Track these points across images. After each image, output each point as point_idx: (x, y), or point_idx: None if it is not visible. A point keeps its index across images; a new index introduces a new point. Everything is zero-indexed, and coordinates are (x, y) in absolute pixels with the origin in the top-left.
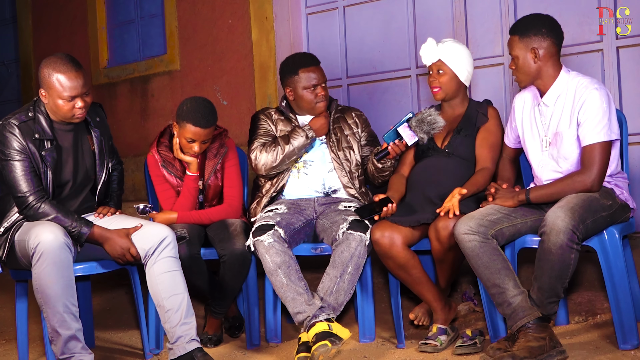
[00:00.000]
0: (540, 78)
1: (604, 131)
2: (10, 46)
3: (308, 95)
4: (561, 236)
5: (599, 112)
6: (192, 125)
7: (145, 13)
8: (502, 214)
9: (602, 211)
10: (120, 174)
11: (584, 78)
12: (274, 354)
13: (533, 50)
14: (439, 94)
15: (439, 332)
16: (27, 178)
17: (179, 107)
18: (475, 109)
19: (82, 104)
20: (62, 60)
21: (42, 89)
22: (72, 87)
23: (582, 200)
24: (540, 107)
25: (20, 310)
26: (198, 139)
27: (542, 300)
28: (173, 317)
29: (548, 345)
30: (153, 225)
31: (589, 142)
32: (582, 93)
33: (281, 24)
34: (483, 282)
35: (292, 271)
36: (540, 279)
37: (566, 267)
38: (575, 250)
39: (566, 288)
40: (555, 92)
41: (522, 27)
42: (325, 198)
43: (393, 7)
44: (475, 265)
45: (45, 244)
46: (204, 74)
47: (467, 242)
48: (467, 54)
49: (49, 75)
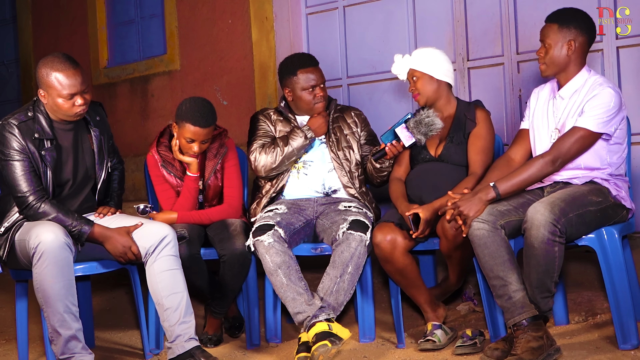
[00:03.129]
0: (565, 71)
1: (595, 122)
2: (10, 46)
3: (307, 96)
4: (542, 230)
5: (603, 106)
6: (191, 125)
7: (145, 13)
8: (512, 206)
9: (589, 206)
10: (121, 173)
11: (601, 77)
12: (274, 354)
13: (570, 42)
14: (419, 99)
15: (433, 328)
16: (27, 178)
17: (179, 107)
18: (463, 112)
19: (82, 101)
20: (59, 59)
21: (40, 90)
22: (70, 84)
23: (566, 195)
24: (556, 99)
25: (20, 310)
26: (197, 139)
27: (535, 297)
28: (172, 316)
29: (546, 343)
30: (153, 224)
31: (576, 124)
32: (595, 88)
33: (281, 24)
34: (486, 273)
35: (292, 271)
36: (529, 275)
37: (551, 260)
38: (559, 243)
39: (557, 283)
40: (573, 87)
41: (565, 17)
42: (325, 198)
43: (393, 7)
44: (481, 254)
45: (45, 243)
46: (204, 74)
47: (476, 230)
48: (438, 52)
49: (47, 75)
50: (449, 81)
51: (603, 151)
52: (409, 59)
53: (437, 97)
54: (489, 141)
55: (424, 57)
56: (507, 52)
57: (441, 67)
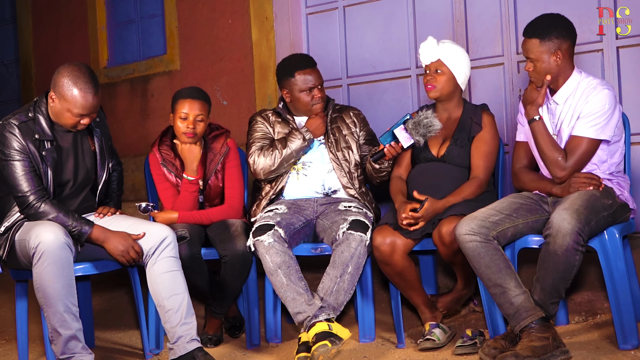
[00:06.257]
0: (556, 77)
1: (594, 128)
2: (10, 46)
3: (304, 98)
4: (567, 239)
5: (600, 110)
6: (182, 99)
7: (145, 13)
8: (504, 214)
9: (603, 211)
10: (119, 174)
11: (595, 79)
12: (274, 354)
13: (556, 53)
14: (433, 92)
15: (432, 327)
16: (27, 178)
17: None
18: (469, 115)
19: (87, 121)
20: (85, 77)
21: (53, 92)
22: (85, 107)
23: (586, 201)
24: (550, 104)
25: (20, 310)
26: (191, 112)
27: (544, 301)
28: (173, 317)
29: (551, 345)
30: (153, 226)
31: (577, 133)
32: (590, 92)
33: (281, 24)
34: (484, 282)
35: (292, 271)
36: (544, 280)
37: (571, 268)
38: (580, 252)
39: (568, 288)
40: (567, 91)
41: (543, 29)
42: (325, 198)
43: (393, 7)
44: (477, 265)
45: (45, 243)
46: (204, 74)
47: (468, 243)
48: (466, 56)
49: (67, 88)
50: (463, 88)
51: (602, 152)
52: (443, 49)
53: (449, 98)
54: (493, 146)
55: (456, 56)
56: (507, 52)
57: (466, 73)
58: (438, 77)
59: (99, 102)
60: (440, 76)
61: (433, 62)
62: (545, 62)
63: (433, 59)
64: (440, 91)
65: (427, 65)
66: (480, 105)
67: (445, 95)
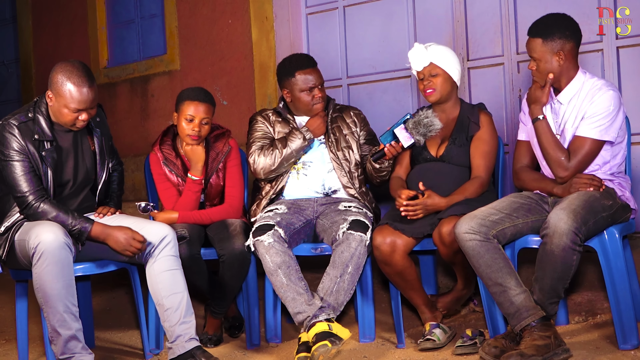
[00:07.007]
0: (560, 78)
1: (599, 129)
2: (10, 46)
3: (305, 97)
4: (564, 238)
5: (604, 111)
6: (189, 101)
7: (145, 13)
8: (504, 214)
9: (602, 212)
10: (120, 174)
11: (600, 80)
12: (274, 354)
13: (559, 53)
14: (433, 95)
15: (432, 327)
16: (27, 178)
17: (177, 98)
18: (467, 115)
19: (86, 117)
20: (78, 72)
21: (50, 92)
22: (81, 101)
23: (584, 202)
24: (554, 104)
25: (20, 310)
26: (197, 115)
27: (543, 301)
28: (172, 316)
29: (554, 343)
30: (153, 224)
31: (580, 134)
32: (595, 93)
33: (281, 24)
34: (484, 282)
35: (292, 271)
36: (542, 280)
37: (568, 268)
38: (578, 252)
39: (566, 288)
40: (571, 91)
41: (546, 29)
42: (325, 198)
43: (393, 7)
44: (477, 264)
45: (45, 243)
46: (204, 74)
47: (467, 242)
48: (453, 53)
49: (61, 83)
50: (458, 84)
51: (605, 152)
52: (433, 52)
53: (449, 98)
54: (492, 145)
55: (446, 55)
56: (507, 52)
57: (458, 69)
58: (435, 80)
59: (95, 96)
60: (436, 79)
61: (426, 67)
62: (547, 62)
63: (425, 64)
64: (440, 93)
65: (419, 72)
66: (477, 104)
67: (445, 96)
